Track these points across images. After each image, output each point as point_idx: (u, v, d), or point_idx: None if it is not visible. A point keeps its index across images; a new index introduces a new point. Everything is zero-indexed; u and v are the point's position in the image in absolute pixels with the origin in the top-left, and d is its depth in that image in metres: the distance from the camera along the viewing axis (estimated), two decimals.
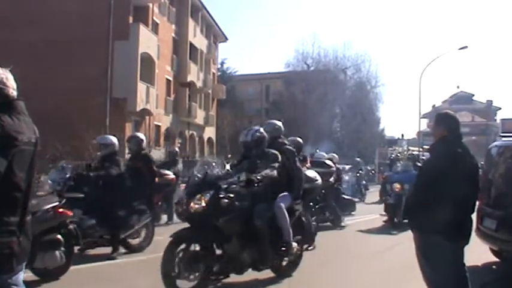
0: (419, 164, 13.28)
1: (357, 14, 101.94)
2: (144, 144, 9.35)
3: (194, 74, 37.67)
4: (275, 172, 6.13)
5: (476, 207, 6.25)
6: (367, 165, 32.58)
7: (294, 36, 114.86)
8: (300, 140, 9.12)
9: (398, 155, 13.18)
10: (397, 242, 9.81)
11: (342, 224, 12.04)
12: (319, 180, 7.71)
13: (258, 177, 5.86)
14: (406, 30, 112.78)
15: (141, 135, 9.84)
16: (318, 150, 16.50)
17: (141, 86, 27.57)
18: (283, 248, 6.33)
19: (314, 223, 8.91)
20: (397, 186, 12.60)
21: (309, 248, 7.80)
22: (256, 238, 6.01)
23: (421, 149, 35.87)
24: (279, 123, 7.26)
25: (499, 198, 7.42)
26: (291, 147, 6.94)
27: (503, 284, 6.89)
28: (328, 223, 11.92)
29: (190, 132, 38.27)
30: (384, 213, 12.89)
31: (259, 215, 6.05)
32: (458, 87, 71.53)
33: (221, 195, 5.78)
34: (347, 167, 21.52)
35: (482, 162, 8.15)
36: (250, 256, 6.02)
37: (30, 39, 24.84)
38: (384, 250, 9.33)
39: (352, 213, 14.19)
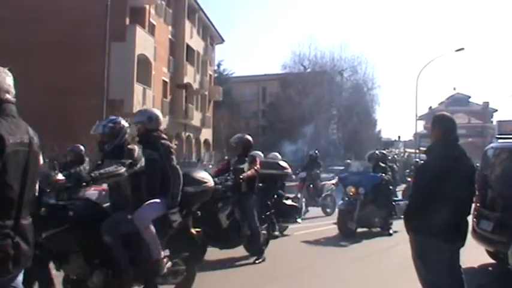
0: (383, 165, 11.86)
1: (354, 15, 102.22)
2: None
3: (191, 76, 37.65)
4: (122, 170, 4.74)
5: (473, 209, 6.27)
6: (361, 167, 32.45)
7: (290, 38, 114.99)
8: (249, 137, 8.28)
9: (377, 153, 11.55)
10: (354, 253, 9.77)
11: (276, 233, 10.03)
12: (210, 183, 5.99)
13: (92, 175, 4.55)
14: (402, 32, 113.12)
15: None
16: (317, 152, 16.44)
17: (138, 88, 27.54)
18: (151, 267, 5.13)
19: (264, 232, 8.35)
20: (351, 189, 11.00)
21: (257, 262, 7.75)
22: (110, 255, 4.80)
23: (417, 151, 35.96)
24: (156, 113, 6.04)
25: (495, 200, 7.43)
26: (167, 142, 5.70)
27: (499, 286, 6.91)
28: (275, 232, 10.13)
29: (187, 133, 38.22)
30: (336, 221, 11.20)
31: (109, 229, 4.80)
32: (454, 89, 71.95)
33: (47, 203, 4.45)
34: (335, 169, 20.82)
35: (478, 164, 8.16)
36: (100, 279, 4.76)
37: (26, 40, 24.78)
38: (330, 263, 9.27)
39: (299, 221, 11.19)
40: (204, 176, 6.23)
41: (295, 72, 50.96)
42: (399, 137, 56.69)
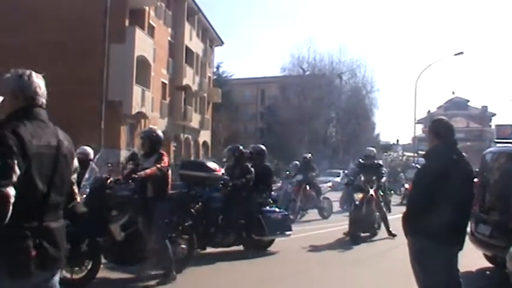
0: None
1: (353, 19, 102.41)
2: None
3: (190, 78, 37.66)
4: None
5: (471, 213, 6.27)
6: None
7: (289, 41, 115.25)
8: (158, 132, 7.07)
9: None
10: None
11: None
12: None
13: None
14: (401, 35, 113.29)
15: None
16: (310, 155, 16.27)
17: (137, 89, 27.54)
18: None
19: (183, 246, 7.31)
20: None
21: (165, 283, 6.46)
22: None
23: (416, 154, 35.99)
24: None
25: (494, 204, 7.44)
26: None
27: None
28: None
29: (186, 135, 38.23)
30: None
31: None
32: (453, 92, 71.86)
33: None
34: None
35: (477, 169, 8.17)
36: None
37: (25, 42, 24.75)
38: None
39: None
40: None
41: (294, 75, 51.05)
42: (398, 140, 56.81)
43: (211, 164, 8.52)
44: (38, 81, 2.78)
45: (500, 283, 7.06)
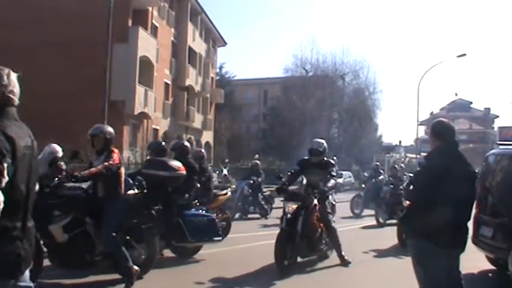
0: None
1: (356, 20, 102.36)
2: None
3: (193, 78, 37.69)
4: None
5: (473, 215, 6.26)
6: (364, 172, 32.44)
7: (292, 42, 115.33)
8: (109, 128, 6.56)
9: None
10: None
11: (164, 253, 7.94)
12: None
13: None
14: (404, 37, 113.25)
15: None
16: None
17: (140, 89, 27.56)
18: None
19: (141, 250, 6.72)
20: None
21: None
22: None
23: (418, 156, 35.93)
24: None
25: (496, 206, 7.42)
26: None
27: None
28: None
29: (188, 136, 38.23)
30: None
31: None
32: (456, 94, 72.11)
33: None
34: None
35: (478, 170, 8.15)
36: None
37: (28, 41, 24.84)
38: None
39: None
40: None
41: (297, 75, 51.00)
42: (400, 142, 56.58)
43: (174, 163, 7.61)
44: (15, 80, 2.70)
45: (503, 285, 7.06)
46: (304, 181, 8.73)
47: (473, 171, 4.32)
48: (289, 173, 8.93)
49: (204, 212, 8.31)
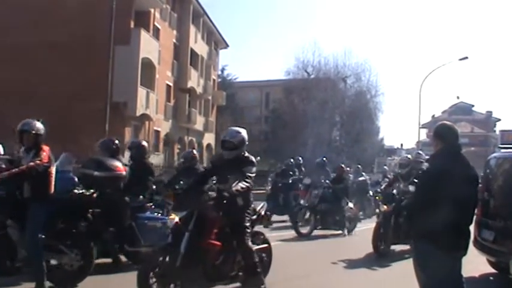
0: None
1: (358, 23, 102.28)
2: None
3: (194, 80, 37.71)
4: None
5: (475, 218, 6.25)
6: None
7: (294, 44, 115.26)
8: (38, 124, 5.98)
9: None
10: None
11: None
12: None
13: None
14: (406, 40, 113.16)
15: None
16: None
17: (141, 91, 27.59)
18: None
19: (74, 255, 6.22)
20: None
21: None
22: None
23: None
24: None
25: (498, 209, 7.41)
26: None
27: None
28: None
29: (190, 138, 38.27)
30: None
31: None
32: (458, 97, 71.80)
33: None
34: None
35: (481, 173, 8.14)
36: None
37: (31, 43, 24.86)
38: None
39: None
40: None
41: (299, 78, 50.96)
42: (402, 144, 56.67)
43: (112, 162, 7.15)
44: None
45: None
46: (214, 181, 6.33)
47: (475, 174, 4.31)
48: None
49: (159, 215, 7.85)
